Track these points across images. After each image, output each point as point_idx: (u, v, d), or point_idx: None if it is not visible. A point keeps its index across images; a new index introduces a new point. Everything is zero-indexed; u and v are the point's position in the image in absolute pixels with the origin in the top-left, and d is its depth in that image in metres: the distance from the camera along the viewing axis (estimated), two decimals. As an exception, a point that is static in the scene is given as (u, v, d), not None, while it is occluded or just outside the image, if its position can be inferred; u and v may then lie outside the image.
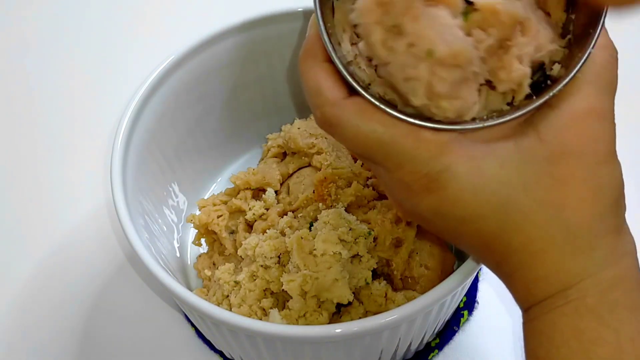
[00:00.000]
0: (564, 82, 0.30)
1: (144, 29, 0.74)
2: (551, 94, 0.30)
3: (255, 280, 0.45)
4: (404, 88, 0.30)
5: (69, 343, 0.53)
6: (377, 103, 0.30)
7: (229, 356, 0.51)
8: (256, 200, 0.51)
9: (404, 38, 0.29)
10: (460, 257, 0.52)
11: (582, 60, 0.30)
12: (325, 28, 0.31)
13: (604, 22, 0.29)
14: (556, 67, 0.31)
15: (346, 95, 0.31)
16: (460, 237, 0.33)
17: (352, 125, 0.31)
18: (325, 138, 0.51)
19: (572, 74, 0.30)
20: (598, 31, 0.29)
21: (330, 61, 0.31)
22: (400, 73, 0.30)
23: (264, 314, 0.44)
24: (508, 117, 0.30)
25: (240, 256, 0.47)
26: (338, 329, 0.37)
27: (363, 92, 0.31)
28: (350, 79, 0.31)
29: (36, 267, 0.57)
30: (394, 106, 0.31)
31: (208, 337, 0.51)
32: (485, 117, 0.31)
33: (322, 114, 0.32)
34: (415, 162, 0.31)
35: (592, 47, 0.29)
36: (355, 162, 0.51)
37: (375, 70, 0.31)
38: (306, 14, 0.52)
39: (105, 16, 0.76)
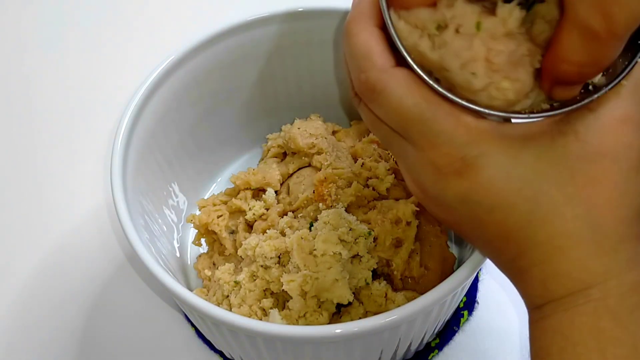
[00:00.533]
0: (609, 87, 0.30)
1: (144, 29, 0.74)
2: (595, 96, 0.30)
3: (255, 280, 0.45)
4: (462, 77, 0.30)
5: (69, 343, 0.53)
6: (426, 78, 0.30)
7: (229, 356, 0.51)
8: (256, 200, 0.51)
9: (449, 29, 0.30)
10: (460, 257, 0.52)
11: (628, 69, 0.30)
12: None
13: None
14: (598, 75, 0.31)
15: (395, 65, 0.31)
16: (481, 228, 0.32)
17: (397, 94, 0.31)
18: (325, 138, 0.51)
19: (617, 80, 0.30)
20: None
21: (383, 29, 0.31)
22: (456, 61, 0.30)
23: (264, 314, 0.44)
24: (554, 112, 0.31)
25: (240, 256, 0.47)
26: (338, 329, 0.37)
27: (413, 65, 0.30)
28: (403, 49, 0.30)
29: (36, 267, 0.57)
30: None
31: (208, 337, 0.51)
32: (528, 111, 0.31)
33: (367, 78, 0.31)
34: (452, 144, 0.30)
35: (638, 57, 0.30)
36: (355, 162, 0.51)
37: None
38: (306, 14, 0.52)
39: (105, 16, 0.76)
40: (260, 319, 0.44)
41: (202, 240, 0.53)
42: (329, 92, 0.57)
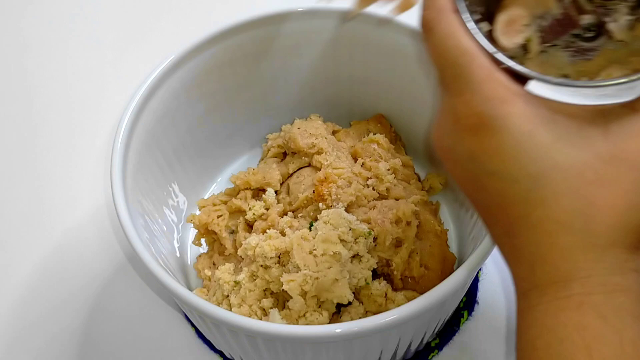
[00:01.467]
0: None
1: (143, 29, 0.74)
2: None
3: (255, 280, 0.45)
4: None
5: (69, 343, 0.53)
6: (472, 28, 0.31)
7: (229, 356, 0.51)
8: (256, 200, 0.51)
9: None
10: (460, 257, 0.52)
11: None
12: None
13: None
14: None
15: (453, 9, 0.32)
16: (482, 191, 0.32)
17: (443, 34, 0.31)
18: (325, 138, 0.51)
19: None
20: None
21: None
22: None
23: (264, 314, 0.44)
24: (595, 83, 0.30)
25: (240, 256, 0.47)
26: (338, 329, 0.37)
27: (463, 12, 0.31)
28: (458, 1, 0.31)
29: (36, 267, 0.57)
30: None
31: (208, 337, 0.51)
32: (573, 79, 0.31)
33: (424, 15, 0.32)
34: (475, 95, 0.30)
35: None
36: (355, 162, 0.52)
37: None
38: (306, 14, 0.52)
39: (105, 16, 0.76)
40: (260, 319, 0.44)
41: (202, 240, 0.53)
42: (329, 92, 0.57)
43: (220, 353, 0.52)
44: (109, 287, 0.55)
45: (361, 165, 0.51)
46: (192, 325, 0.53)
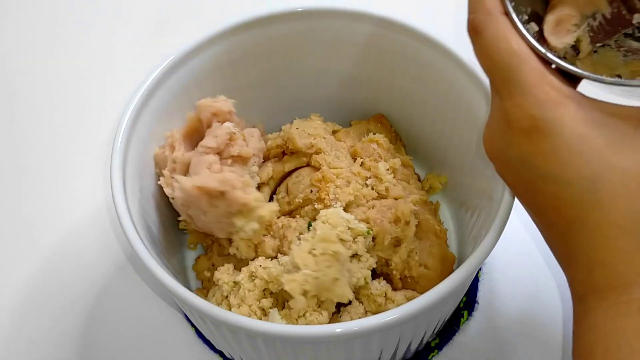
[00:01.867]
0: None
1: (143, 29, 0.74)
2: None
3: (254, 280, 0.45)
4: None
5: (69, 343, 0.53)
6: (523, 29, 0.31)
7: (229, 356, 0.51)
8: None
9: None
10: (460, 257, 0.52)
11: None
12: None
13: None
14: None
15: (503, 12, 0.32)
16: (536, 194, 0.32)
17: (493, 37, 0.31)
18: (324, 138, 0.51)
19: None
20: None
21: None
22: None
23: (264, 314, 0.44)
24: None
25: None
26: (338, 328, 0.37)
27: (513, 14, 0.31)
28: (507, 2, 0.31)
29: (36, 267, 0.57)
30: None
31: (208, 337, 0.51)
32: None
33: (473, 18, 0.32)
34: (528, 98, 0.30)
35: None
36: (355, 162, 0.51)
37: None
38: (306, 13, 0.52)
39: (105, 16, 0.76)
40: (260, 319, 0.44)
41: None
42: (329, 92, 0.57)
43: (220, 353, 0.52)
44: (109, 287, 0.55)
45: (360, 165, 0.51)
46: (192, 325, 0.53)
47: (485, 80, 0.46)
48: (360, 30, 0.52)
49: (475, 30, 0.32)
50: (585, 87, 0.33)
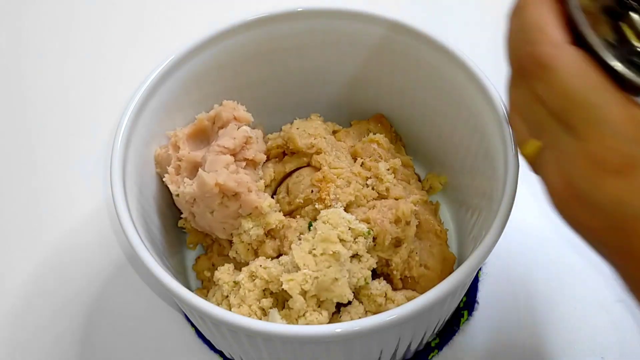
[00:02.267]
0: None
1: (144, 29, 0.74)
2: None
3: (254, 280, 0.45)
4: None
5: (69, 343, 0.53)
6: (607, 59, 0.28)
7: (229, 356, 0.51)
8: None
9: None
10: (460, 257, 0.52)
11: None
12: None
13: None
14: None
15: (570, 42, 0.30)
16: (629, 237, 0.29)
17: (566, 72, 0.29)
18: (324, 138, 0.51)
19: None
20: None
21: (561, 3, 0.30)
22: None
23: (264, 314, 0.44)
24: None
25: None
26: (338, 328, 0.37)
27: (595, 43, 0.29)
28: (584, 26, 0.29)
29: (36, 267, 0.57)
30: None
31: (208, 337, 0.51)
32: None
33: (538, 52, 0.29)
34: (619, 138, 0.28)
35: None
36: (355, 162, 0.51)
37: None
38: (306, 14, 0.52)
39: (105, 16, 0.76)
40: (260, 319, 0.44)
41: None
42: (329, 92, 0.57)
43: (220, 353, 0.52)
44: (109, 287, 0.55)
45: (361, 165, 0.51)
46: (192, 325, 0.53)
47: (485, 80, 0.46)
48: (361, 31, 0.52)
49: (539, 65, 0.29)
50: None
